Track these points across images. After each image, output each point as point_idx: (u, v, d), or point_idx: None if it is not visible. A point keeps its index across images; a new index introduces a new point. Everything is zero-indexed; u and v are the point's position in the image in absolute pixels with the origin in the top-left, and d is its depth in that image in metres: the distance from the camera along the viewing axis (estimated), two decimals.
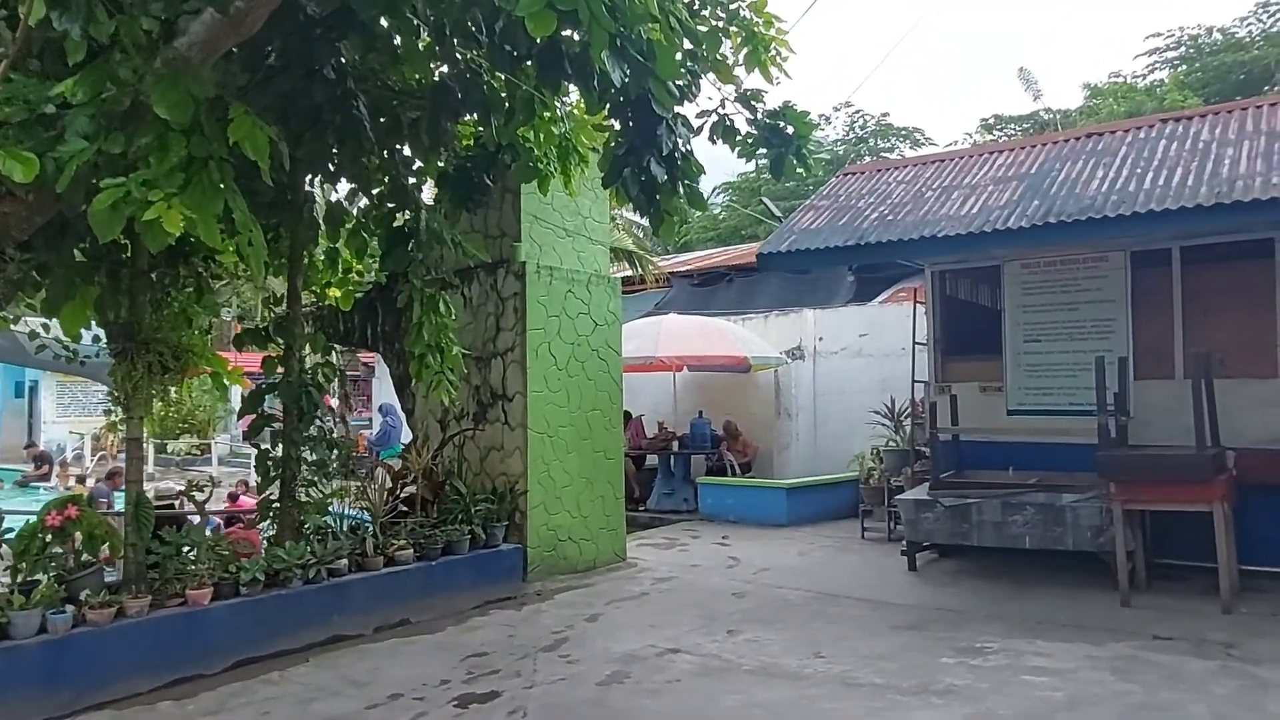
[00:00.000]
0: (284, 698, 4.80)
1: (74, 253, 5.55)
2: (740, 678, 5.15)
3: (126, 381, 5.15)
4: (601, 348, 8.36)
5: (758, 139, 6.30)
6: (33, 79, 4.41)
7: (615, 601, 7.01)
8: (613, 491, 8.39)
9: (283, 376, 6.13)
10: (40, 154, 4.17)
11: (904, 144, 36.58)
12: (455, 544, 6.73)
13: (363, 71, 6.36)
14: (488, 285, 7.96)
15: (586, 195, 8.22)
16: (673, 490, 12.35)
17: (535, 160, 6.69)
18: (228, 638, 5.26)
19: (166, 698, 4.79)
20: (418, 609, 6.35)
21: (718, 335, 12.39)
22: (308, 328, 7.37)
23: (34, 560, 4.79)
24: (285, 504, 6.08)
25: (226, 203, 4.49)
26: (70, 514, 4.90)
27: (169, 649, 5.00)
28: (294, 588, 5.63)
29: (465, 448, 7.88)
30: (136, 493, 5.27)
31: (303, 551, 5.71)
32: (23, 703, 4.42)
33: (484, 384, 7.87)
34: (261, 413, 6.21)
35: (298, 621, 5.62)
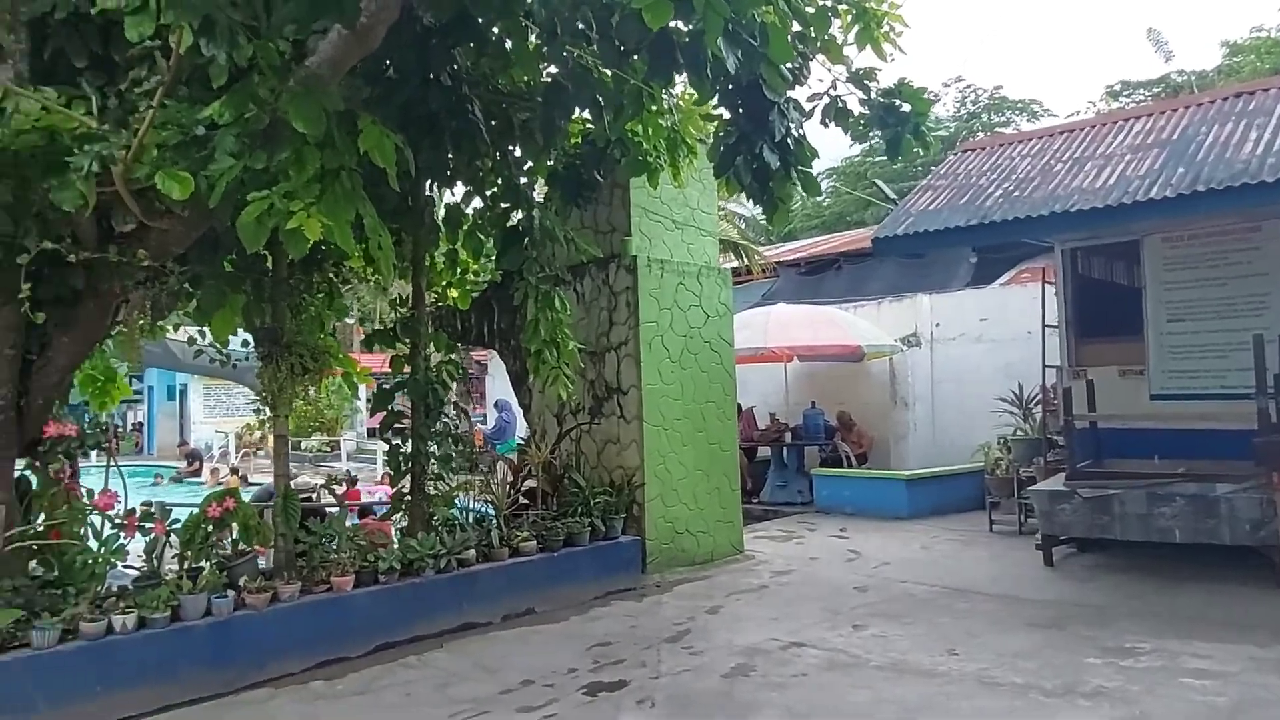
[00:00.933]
0: (423, 681, 5.02)
1: (223, 265, 5.96)
2: (869, 673, 5.05)
3: (272, 382, 5.49)
4: (714, 339, 8.34)
5: (871, 119, 6.15)
6: (183, 104, 4.74)
7: (735, 594, 6.99)
8: (728, 484, 8.37)
9: (410, 375, 6.40)
10: (193, 173, 4.49)
11: (1020, 118, 34.86)
12: (576, 536, 6.86)
13: (474, 77, 6.55)
14: (600, 280, 8.07)
15: (694, 187, 8.22)
16: (786, 482, 12.22)
17: (644, 154, 6.73)
18: (369, 622, 5.54)
19: (317, 677, 5.09)
20: (541, 599, 6.52)
21: (829, 324, 12.17)
22: (430, 327, 7.67)
23: (198, 548, 5.17)
24: (416, 497, 6.35)
25: (357, 210, 4.73)
26: (228, 506, 5.26)
27: (317, 632, 5.31)
28: (427, 577, 5.87)
29: (582, 441, 8.01)
30: (285, 486, 5.62)
31: (434, 543, 5.94)
32: (194, 679, 4.78)
33: (599, 378, 7.99)
34: (391, 410, 6.50)
35: (431, 609, 5.86)
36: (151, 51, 4.63)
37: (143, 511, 5.03)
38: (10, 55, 4.94)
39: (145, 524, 5.06)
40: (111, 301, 5.47)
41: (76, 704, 4.42)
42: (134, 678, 4.60)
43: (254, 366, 7.72)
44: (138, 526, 5.04)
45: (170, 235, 5.16)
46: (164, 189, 4.41)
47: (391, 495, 6.51)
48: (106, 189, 4.63)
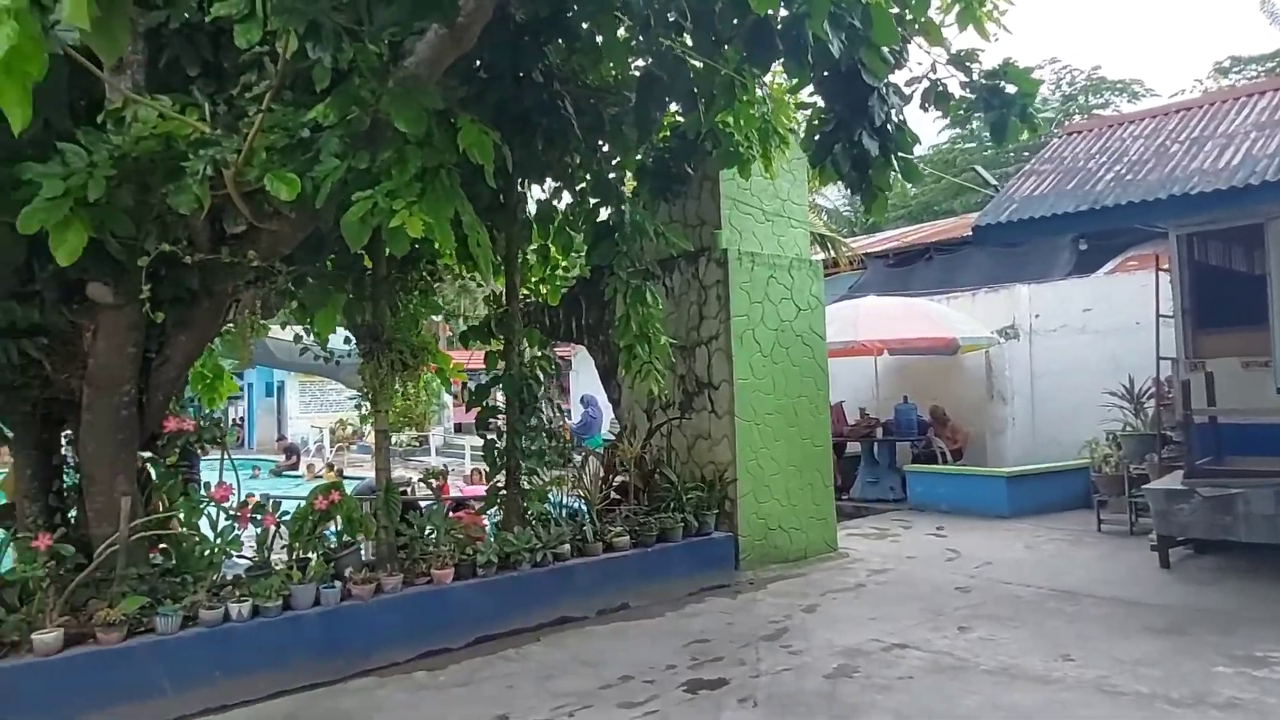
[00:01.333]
0: (524, 674, 5.06)
1: (325, 265, 6.13)
2: (978, 677, 4.86)
3: (374, 378, 5.61)
4: (805, 333, 8.18)
5: (974, 102, 5.92)
6: (288, 108, 4.87)
7: (831, 593, 6.84)
8: (821, 480, 8.20)
9: (505, 370, 6.46)
10: (300, 174, 4.61)
11: (1120, 99, 33.25)
12: (669, 531, 6.82)
13: (564, 73, 6.56)
14: (689, 274, 8.00)
15: (784, 178, 8.07)
16: (877, 479, 11.94)
17: (735, 145, 6.63)
18: (468, 615, 5.62)
19: (420, 668, 5.18)
20: (635, 594, 6.50)
21: (922, 316, 11.83)
22: (522, 323, 7.73)
23: (306, 540, 5.33)
24: (511, 491, 6.41)
25: (455, 208, 4.78)
26: (334, 499, 5.40)
27: (420, 623, 5.41)
28: (523, 570, 5.92)
29: (672, 436, 7.96)
30: (386, 479, 5.74)
31: (530, 537, 5.99)
32: (304, 667, 4.93)
33: (689, 373, 7.93)
34: (486, 405, 6.57)
35: (528, 602, 5.91)
36: (260, 57, 4.77)
37: (254, 504, 5.21)
38: (129, 65, 5.15)
39: (257, 515, 5.24)
40: (224, 301, 5.68)
41: (198, 688, 4.60)
42: (250, 664, 4.77)
43: (349, 364, 7.95)
44: (250, 518, 5.21)
45: (278, 236, 5.32)
46: (272, 190, 4.54)
47: (486, 489, 6.60)
48: (219, 192, 4.79)
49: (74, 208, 4.34)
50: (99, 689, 4.34)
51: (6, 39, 2.27)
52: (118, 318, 5.24)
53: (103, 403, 5.27)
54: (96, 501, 5.28)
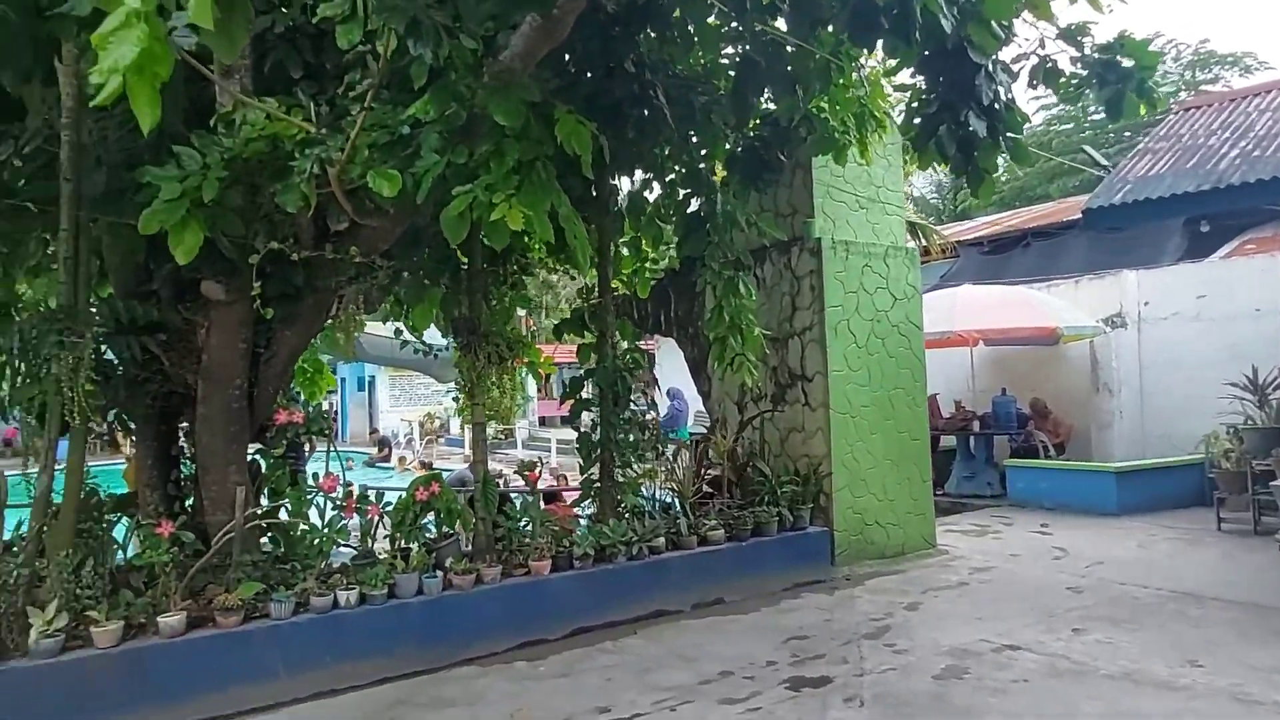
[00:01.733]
0: (622, 666, 5.04)
1: (423, 260, 6.24)
2: (1098, 683, 4.62)
3: (471, 371, 5.68)
4: (902, 323, 7.93)
5: (1085, 79, 5.62)
6: (387, 106, 4.96)
7: (932, 590, 6.62)
8: (919, 474, 7.95)
9: (598, 363, 6.46)
10: (400, 171, 4.68)
11: (1230, 73, 31.32)
12: (764, 526, 6.71)
13: (655, 63, 6.50)
14: (781, 264, 7.85)
15: (879, 163, 7.84)
16: (974, 473, 11.54)
17: (830, 131, 6.47)
18: (565, 606, 5.64)
19: (520, 658, 5.22)
20: (730, 588, 6.42)
21: (1022, 304, 11.35)
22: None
23: (407, 530, 5.43)
24: (605, 484, 6.41)
25: (551, 200, 4.78)
26: (434, 491, 5.49)
27: (518, 614, 5.45)
28: (619, 563, 5.91)
29: (765, 429, 7.84)
30: (484, 471, 5.81)
31: (625, 529, 5.98)
32: (408, 654, 5.02)
33: (781, 365, 7.79)
34: (580, 398, 6.58)
35: (624, 595, 5.90)
36: (363, 56, 4.85)
37: (359, 494, 5.33)
38: (237, 70, 5.32)
39: (362, 506, 5.36)
40: (327, 297, 5.84)
41: (310, 671, 4.74)
42: (358, 650, 4.89)
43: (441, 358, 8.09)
44: (355, 508, 5.34)
45: (378, 233, 5.42)
46: (375, 187, 4.61)
47: (580, 481, 6.61)
48: (323, 190, 4.90)
49: (190, 209, 4.50)
50: (219, 670, 4.51)
51: (138, 41, 2.32)
52: (229, 314, 5.43)
53: (216, 396, 5.48)
54: (211, 490, 5.50)
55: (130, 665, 4.30)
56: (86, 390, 4.50)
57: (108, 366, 5.31)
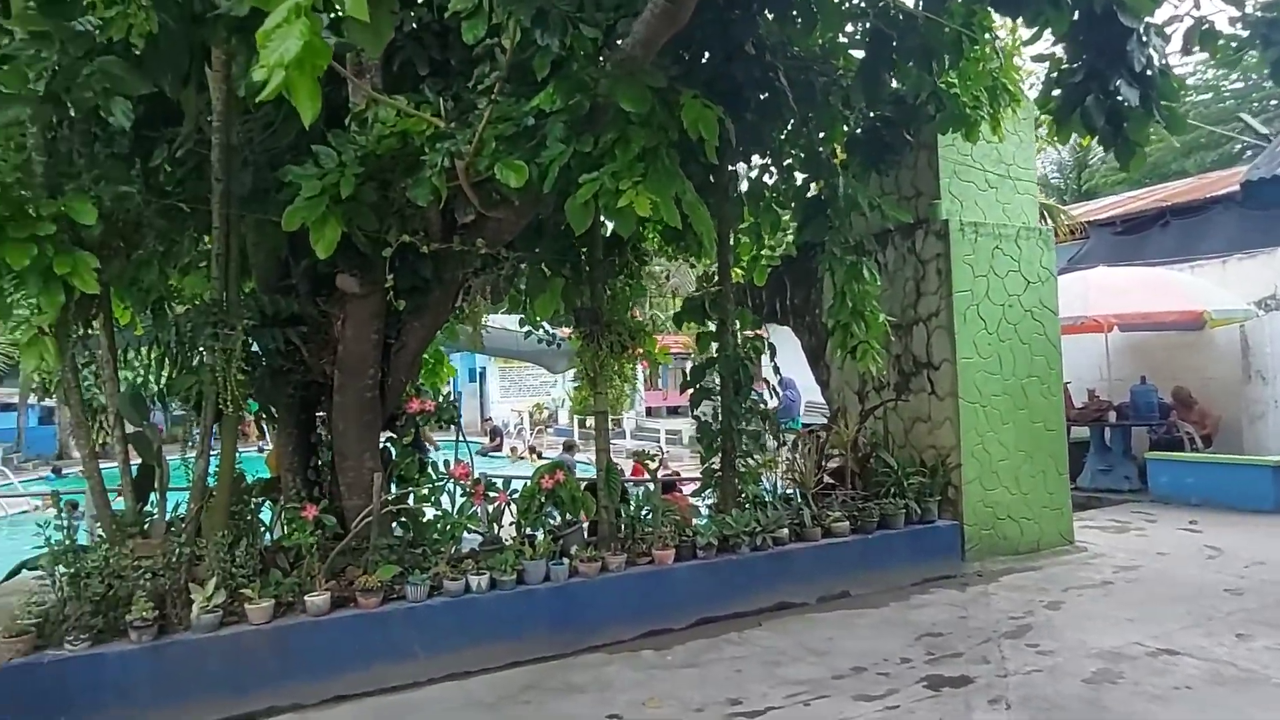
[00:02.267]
0: (750, 658, 4.97)
1: (545, 251, 6.30)
2: (1271, 692, 4.25)
3: (594, 360, 5.70)
4: (1035, 308, 7.53)
5: (1247, 40, 5.18)
6: (511, 99, 5.01)
7: (1074, 589, 6.26)
8: (1055, 467, 7.54)
9: (719, 351, 6.38)
10: (527, 161, 4.72)
11: None
12: (891, 518, 6.50)
13: (773, 44, 6.36)
14: (904, 249, 7.57)
15: (1009, 141, 7.44)
16: (1110, 466, 10.90)
17: (961, 106, 6.17)
18: (689, 596, 5.60)
19: (645, 646, 5.22)
20: (856, 582, 6.25)
21: (1163, 287, 10.63)
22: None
23: (533, 517, 5.51)
24: (726, 474, 6.33)
25: (675, 187, 4.73)
26: (559, 478, 5.55)
27: (643, 602, 5.45)
28: (743, 554, 5.83)
29: (888, 419, 7.59)
30: (607, 460, 5.83)
31: (749, 519, 5.89)
32: (536, 640, 5.10)
33: (905, 352, 7.52)
34: (700, 386, 6.52)
35: (748, 586, 5.82)
36: (489, 50, 4.92)
37: (487, 481, 5.43)
38: (369, 69, 5.49)
39: (490, 493, 5.47)
40: (454, 289, 5.97)
41: (444, 653, 4.86)
42: (489, 633, 4.99)
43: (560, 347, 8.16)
44: (484, 495, 5.45)
45: (504, 224, 5.50)
46: (502, 178, 4.67)
47: (701, 471, 6.55)
48: (451, 184, 5.00)
49: (329, 205, 4.66)
50: (360, 648, 4.68)
51: (300, 35, 2.38)
52: (363, 306, 5.62)
53: (351, 386, 5.69)
54: (348, 476, 5.71)
55: (281, 641, 4.51)
56: (238, 380, 4.74)
57: (253, 358, 5.59)
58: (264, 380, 5.79)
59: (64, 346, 4.45)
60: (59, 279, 4.00)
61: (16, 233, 3.90)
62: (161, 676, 4.23)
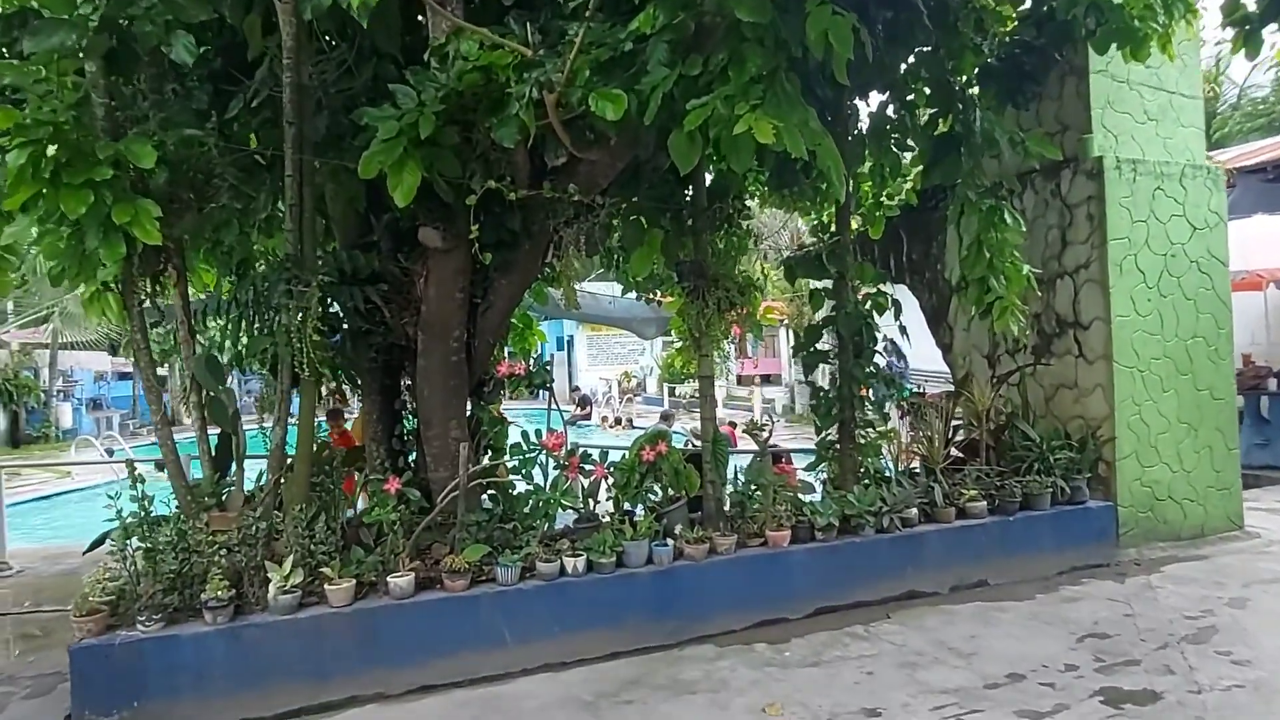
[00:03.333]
0: (881, 657, 4.35)
1: (643, 200, 5.71)
2: None
3: (700, 318, 5.11)
4: (1203, 258, 6.54)
5: None
6: (605, 24, 4.43)
7: (1257, 584, 5.38)
8: (1223, 441, 6.58)
9: (836, 309, 5.68)
10: (625, 91, 4.15)
11: None
12: (1035, 498, 5.72)
13: None
14: (1046, 192, 6.67)
15: (1170, 66, 6.42)
16: (1268, 440, 9.70)
17: (1128, 19, 5.25)
18: (807, 583, 5.01)
19: (759, 639, 4.66)
20: (994, 569, 5.53)
21: None
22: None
23: (633, 493, 4.99)
24: (845, 446, 5.67)
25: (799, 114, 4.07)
26: (661, 450, 5.01)
27: (756, 588, 4.88)
28: (866, 536, 5.19)
29: (1025, 386, 6.75)
30: (714, 429, 5.25)
31: (873, 497, 5.23)
32: (637, 628, 4.60)
33: (1046, 310, 6.65)
34: (814, 349, 5.85)
35: (872, 572, 5.18)
36: None
37: (582, 453, 4.93)
38: (449, 2, 4.98)
39: (586, 466, 4.97)
40: (544, 242, 5.45)
41: (537, 641, 4.41)
42: (585, 621, 4.51)
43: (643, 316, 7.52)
44: (579, 468, 4.96)
45: (598, 167, 4.95)
46: (597, 110, 4.12)
47: (816, 443, 5.90)
48: (540, 123, 4.48)
49: (407, 148, 4.21)
50: (447, 635, 4.27)
51: None
52: (446, 262, 5.17)
53: (435, 348, 5.26)
54: (433, 446, 5.31)
55: (363, 625, 4.13)
56: (313, 341, 4.34)
57: (333, 319, 5.23)
58: (345, 343, 5.44)
59: (130, 304, 4.13)
60: (119, 229, 3.64)
61: (72, 178, 3.55)
62: (238, 661, 3.90)
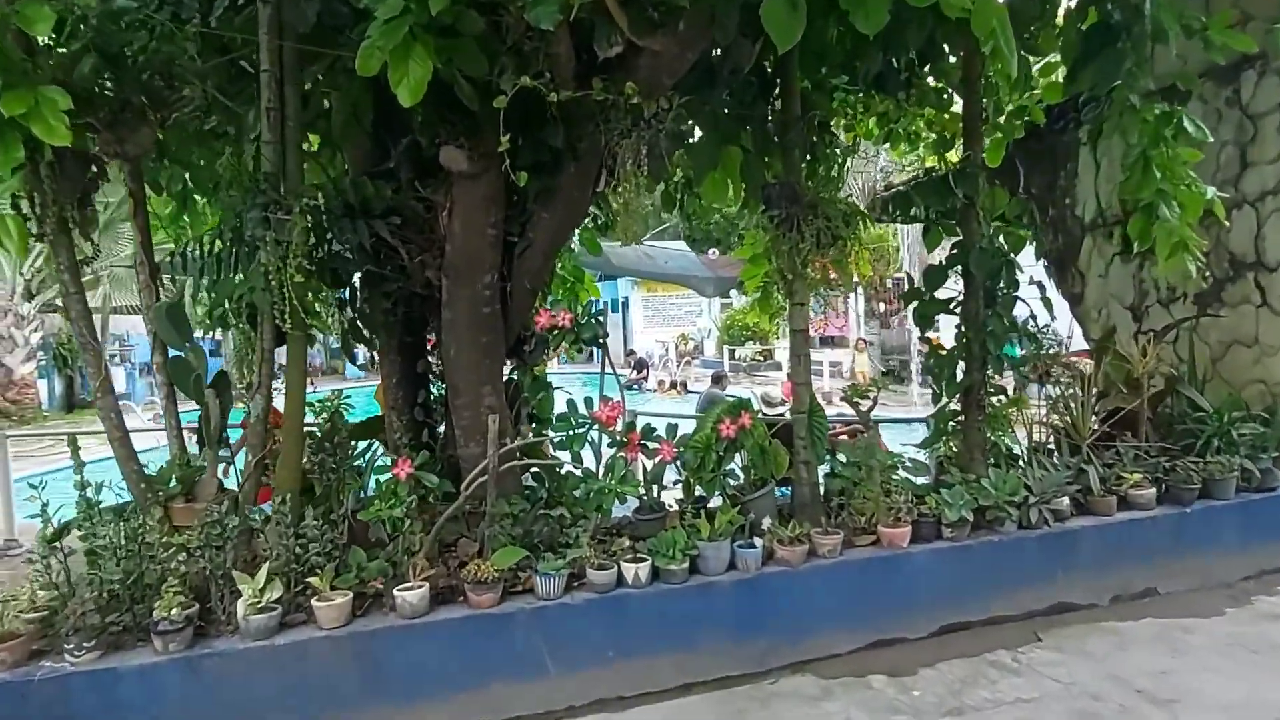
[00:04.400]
0: (1045, 701, 3.25)
1: (717, 108, 4.58)
2: None
3: (792, 255, 3.98)
4: None
5: None
6: None
7: None
8: None
9: (962, 245, 4.47)
10: None
11: None
12: (1217, 484, 4.51)
13: None
14: (1220, 100, 5.34)
15: None
16: None
17: None
18: (931, 593, 3.91)
19: (874, 667, 3.60)
20: (1163, 575, 4.37)
21: None
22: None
23: (709, 479, 3.93)
24: (971, 417, 4.51)
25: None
26: (744, 423, 3.93)
27: (867, 602, 3.81)
28: (1006, 532, 4.06)
29: (1189, 344, 5.47)
30: (810, 397, 4.14)
31: (1015, 484, 4.09)
32: (717, 652, 3.57)
33: (1216, 248, 5.33)
34: (929, 297, 4.67)
35: (1013, 579, 4.06)
36: None
37: (646, 427, 3.86)
38: None
39: (649, 445, 3.92)
40: (594, 164, 4.37)
41: (588, 669, 3.42)
42: (650, 644, 3.50)
43: (701, 276, 6.30)
44: (640, 445, 3.91)
45: (663, 59, 3.84)
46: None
47: (933, 414, 4.75)
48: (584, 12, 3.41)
49: (415, 30, 3.16)
50: (471, 663, 3.30)
51: None
52: (474, 189, 4.16)
53: (462, 295, 4.27)
54: (463, 416, 4.34)
55: (361, 652, 3.18)
56: (297, 284, 3.35)
57: (338, 261, 4.26)
58: (358, 292, 4.50)
59: (45, 232, 3.19)
60: (15, 125, 2.67)
61: None
62: (195, 701, 2.98)
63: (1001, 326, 4.26)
